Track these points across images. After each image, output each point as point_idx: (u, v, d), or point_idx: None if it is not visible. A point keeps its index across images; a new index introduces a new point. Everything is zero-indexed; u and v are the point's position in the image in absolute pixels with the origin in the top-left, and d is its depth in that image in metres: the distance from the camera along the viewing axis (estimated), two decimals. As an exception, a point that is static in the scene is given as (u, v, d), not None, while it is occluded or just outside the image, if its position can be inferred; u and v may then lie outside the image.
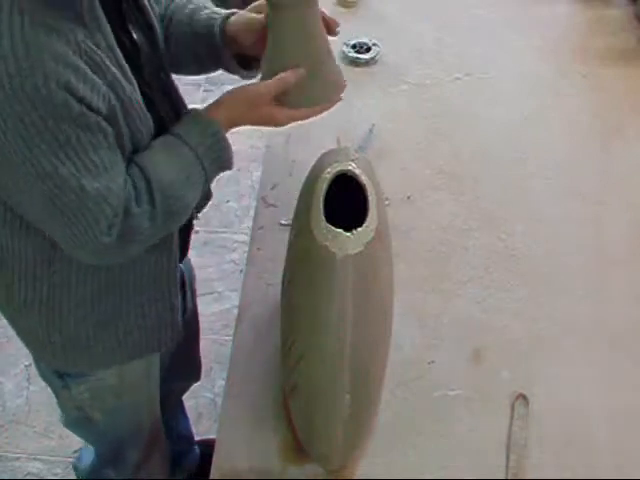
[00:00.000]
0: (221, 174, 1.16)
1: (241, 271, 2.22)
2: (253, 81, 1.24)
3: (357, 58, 1.67)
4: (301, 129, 1.54)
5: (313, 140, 1.50)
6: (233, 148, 1.13)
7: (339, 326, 1.00)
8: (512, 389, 1.20)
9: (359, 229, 1.00)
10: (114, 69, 1.00)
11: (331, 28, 1.21)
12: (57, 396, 1.38)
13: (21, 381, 2.06)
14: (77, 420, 1.40)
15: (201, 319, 2.21)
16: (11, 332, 1.29)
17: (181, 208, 1.09)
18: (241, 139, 2.65)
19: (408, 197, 1.44)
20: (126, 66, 1.03)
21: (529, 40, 1.76)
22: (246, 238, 2.23)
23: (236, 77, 1.32)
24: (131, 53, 1.08)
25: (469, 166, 1.50)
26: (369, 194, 1.03)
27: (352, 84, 1.64)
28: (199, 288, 2.27)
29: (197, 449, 1.86)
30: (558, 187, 1.47)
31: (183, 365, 1.49)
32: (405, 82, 1.65)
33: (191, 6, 1.26)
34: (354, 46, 1.69)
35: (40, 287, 1.16)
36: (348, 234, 0.99)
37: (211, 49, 1.23)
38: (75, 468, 1.63)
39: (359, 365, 1.02)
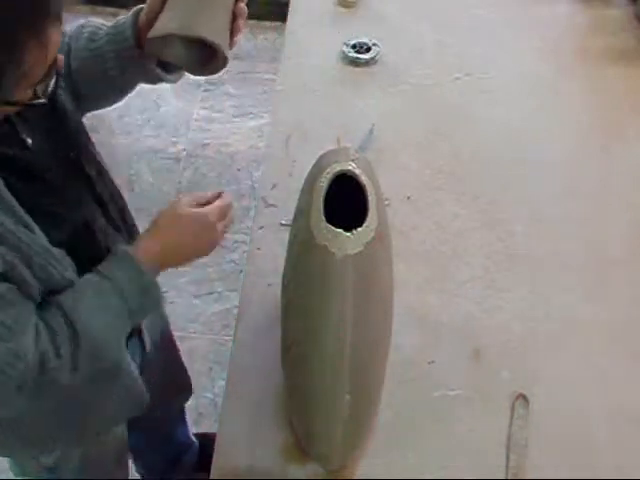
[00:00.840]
0: (221, 174, 1.16)
1: (241, 271, 2.22)
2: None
3: (357, 58, 1.67)
4: (301, 129, 1.55)
5: (313, 140, 1.50)
6: (233, 149, 1.13)
7: (339, 326, 1.00)
8: (512, 389, 1.20)
9: (359, 229, 1.00)
10: (4, 219, 0.93)
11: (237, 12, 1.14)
12: (19, 463, 1.37)
13: (21, 381, 2.06)
14: (39, 476, 1.37)
15: (201, 319, 2.22)
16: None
17: (108, 355, 1.05)
18: (241, 139, 2.67)
19: (408, 197, 1.44)
20: (21, 211, 0.96)
21: (529, 40, 1.76)
22: (246, 238, 2.24)
23: (237, 76, 1.32)
24: (31, 162, 1.02)
25: (469, 166, 1.50)
26: (369, 194, 1.03)
27: (352, 84, 1.66)
28: (199, 288, 2.29)
29: (196, 444, 1.88)
30: (558, 187, 1.47)
31: (173, 388, 1.49)
32: (405, 82, 1.65)
33: (88, 29, 1.17)
34: (354, 46, 1.69)
35: None
36: (348, 234, 0.99)
37: (125, 60, 1.14)
38: None
39: (359, 365, 1.02)
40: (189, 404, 1.93)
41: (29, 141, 1.03)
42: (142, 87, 1.23)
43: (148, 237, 1.08)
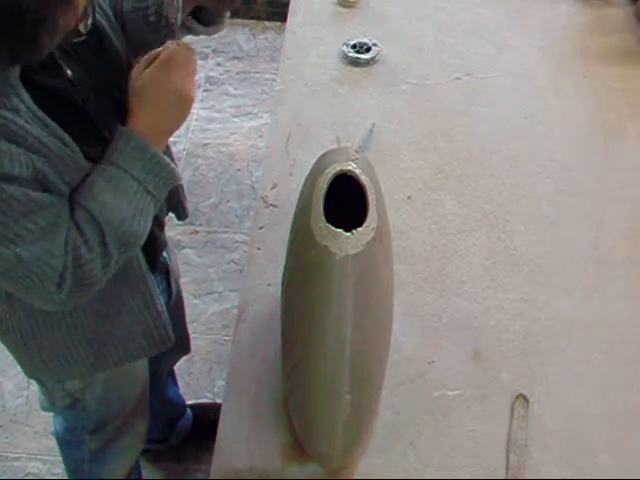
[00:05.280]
0: (221, 174, 1.16)
1: (241, 271, 2.22)
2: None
3: (357, 58, 1.67)
4: (301, 129, 1.55)
5: (313, 140, 1.50)
6: (233, 148, 1.13)
7: (339, 326, 1.00)
8: (512, 389, 1.20)
9: (359, 229, 1.00)
10: (37, 131, 0.99)
11: None
12: (46, 388, 1.40)
13: (21, 381, 2.06)
14: (65, 404, 1.41)
15: (201, 319, 2.22)
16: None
17: (136, 238, 1.09)
18: (241, 139, 2.66)
19: (408, 197, 1.44)
20: (52, 124, 1.01)
21: (529, 40, 1.76)
22: (246, 238, 2.24)
23: (237, 76, 1.32)
24: (69, 92, 1.06)
25: (469, 166, 1.50)
26: (369, 194, 1.03)
27: (352, 84, 1.66)
28: (199, 288, 2.29)
29: (190, 413, 1.91)
30: (558, 187, 1.47)
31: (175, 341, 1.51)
32: (405, 82, 1.65)
33: None
34: (354, 46, 1.69)
35: (17, 315, 1.21)
36: (348, 234, 0.99)
37: (161, 7, 1.19)
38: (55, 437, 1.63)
39: (359, 365, 1.02)
40: (189, 404, 1.93)
41: (69, 72, 1.07)
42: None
43: (132, 120, 1.08)
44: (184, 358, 1.83)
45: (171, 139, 1.15)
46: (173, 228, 2.37)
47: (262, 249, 1.36)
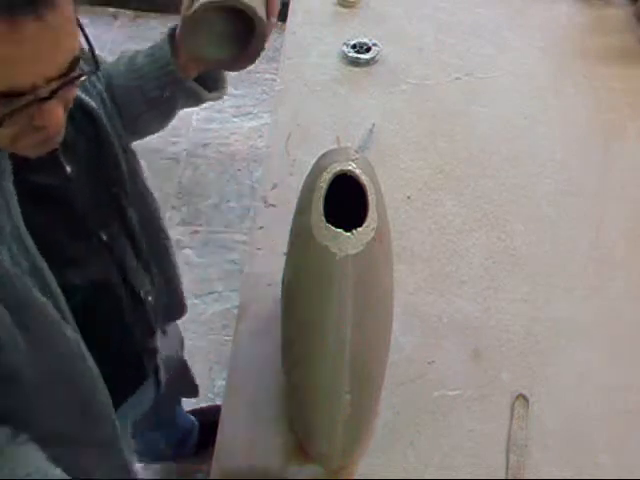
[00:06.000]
0: (221, 174, 1.15)
1: (241, 271, 2.22)
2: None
3: (357, 58, 1.67)
4: (301, 129, 1.55)
5: (313, 140, 1.50)
6: (233, 148, 1.13)
7: (339, 326, 0.99)
8: (512, 389, 1.20)
9: (359, 229, 1.00)
10: (12, 259, 0.86)
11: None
12: None
13: (21, 381, 2.06)
14: None
15: (201, 319, 2.23)
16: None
17: None
18: (241, 139, 2.66)
19: (408, 197, 1.44)
20: (34, 248, 0.89)
21: (529, 40, 1.76)
22: (246, 238, 2.24)
23: (237, 76, 1.32)
24: (66, 191, 0.99)
25: (469, 166, 1.50)
26: (369, 194, 1.03)
27: (352, 84, 1.66)
28: (199, 288, 2.29)
29: (196, 422, 1.91)
30: (558, 187, 1.47)
31: (178, 389, 1.48)
32: (405, 82, 1.66)
33: (127, 54, 1.15)
34: (354, 46, 1.69)
35: None
36: (348, 234, 0.99)
37: (164, 77, 1.12)
38: None
39: (359, 365, 1.02)
40: (189, 404, 1.93)
41: (68, 169, 1.00)
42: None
43: None
44: (185, 357, 1.83)
45: (171, 139, 1.14)
46: (173, 228, 2.37)
47: (262, 249, 1.36)
